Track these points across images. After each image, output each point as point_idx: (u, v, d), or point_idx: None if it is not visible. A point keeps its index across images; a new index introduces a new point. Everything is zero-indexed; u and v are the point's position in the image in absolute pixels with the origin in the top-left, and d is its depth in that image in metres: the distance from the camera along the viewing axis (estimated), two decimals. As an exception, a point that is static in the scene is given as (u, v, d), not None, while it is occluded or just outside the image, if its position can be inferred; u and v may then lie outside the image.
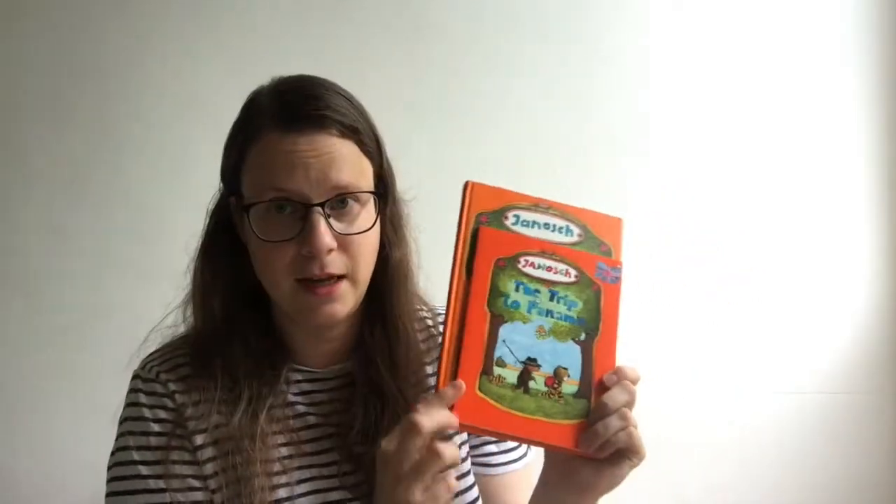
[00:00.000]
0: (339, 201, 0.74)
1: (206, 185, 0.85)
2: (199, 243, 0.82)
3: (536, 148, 1.67)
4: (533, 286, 0.66)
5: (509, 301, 0.66)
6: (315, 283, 0.73)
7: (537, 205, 0.72)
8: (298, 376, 0.82)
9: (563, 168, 1.67)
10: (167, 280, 0.83)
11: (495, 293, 0.66)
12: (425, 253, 0.87)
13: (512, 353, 0.64)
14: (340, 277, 0.74)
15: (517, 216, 0.71)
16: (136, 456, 0.75)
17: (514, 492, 0.89)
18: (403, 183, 0.84)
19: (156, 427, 0.76)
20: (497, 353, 0.64)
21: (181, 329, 0.84)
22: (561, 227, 0.70)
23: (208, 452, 0.76)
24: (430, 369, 0.85)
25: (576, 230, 0.70)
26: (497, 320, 0.65)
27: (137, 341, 0.85)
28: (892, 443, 1.69)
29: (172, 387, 0.78)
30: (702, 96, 1.69)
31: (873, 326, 1.69)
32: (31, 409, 1.58)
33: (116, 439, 0.78)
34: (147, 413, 0.77)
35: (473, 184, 0.73)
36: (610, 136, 1.68)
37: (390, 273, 0.81)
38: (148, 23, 1.61)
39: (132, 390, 0.79)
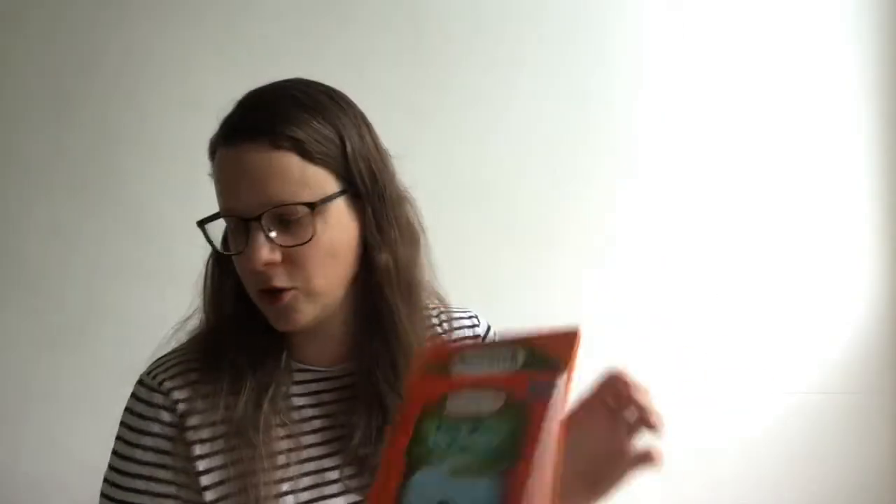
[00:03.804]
0: (287, 212, 0.72)
1: (205, 186, 0.84)
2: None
3: (536, 147, 1.67)
4: (456, 424, 0.60)
5: (429, 445, 0.60)
6: (267, 293, 0.74)
7: (483, 345, 0.64)
8: (307, 376, 0.81)
9: (562, 168, 1.67)
10: (167, 280, 0.84)
11: (417, 440, 0.60)
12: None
13: (423, 497, 0.57)
14: (290, 289, 0.73)
15: (462, 357, 0.64)
16: (120, 465, 0.77)
17: None
18: (404, 183, 0.83)
19: (145, 441, 0.76)
20: (405, 502, 0.58)
21: (193, 323, 0.84)
22: (505, 357, 0.62)
23: (212, 448, 0.76)
24: None
25: (521, 355, 0.61)
26: (412, 469, 0.59)
27: (136, 341, 0.85)
28: (892, 443, 1.69)
29: (176, 395, 0.77)
30: (703, 96, 1.69)
31: (873, 327, 1.69)
32: (32, 409, 1.58)
33: (114, 440, 0.79)
34: (140, 424, 0.77)
35: (426, 348, 0.68)
36: (610, 135, 1.68)
37: (377, 276, 0.78)
38: (148, 23, 1.61)
39: (133, 396, 0.80)
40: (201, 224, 0.76)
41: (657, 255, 1.68)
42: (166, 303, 0.84)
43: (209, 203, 0.82)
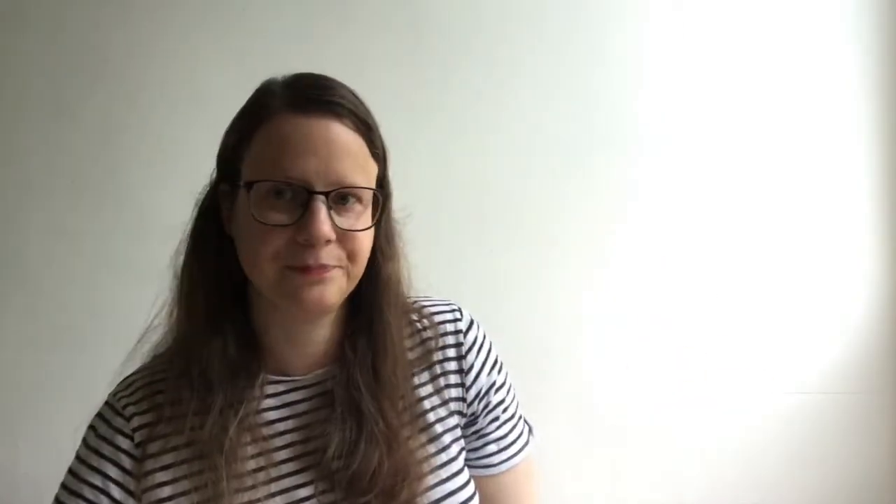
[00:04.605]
0: (342, 196, 0.72)
1: (206, 186, 0.84)
2: (185, 234, 0.81)
3: (536, 147, 1.67)
4: None
5: None
6: (305, 268, 0.71)
7: None
8: (280, 387, 0.79)
9: (562, 168, 1.67)
10: (167, 280, 0.83)
11: None
12: (424, 255, 0.85)
13: None
14: (338, 266, 0.72)
15: None
16: (67, 478, 0.77)
17: (520, 486, 0.87)
18: (403, 184, 0.83)
19: (93, 461, 0.76)
20: None
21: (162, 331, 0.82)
22: None
23: (175, 474, 0.74)
24: (417, 380, 0.81)
25: None
26: None
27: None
28: (892, 443, 1.69)
29: (137, 422, 0.76)
30: (703, 96, 1.69)
31: (873, 327, 1.69)
32: (31, 409, 1.58)
33: (74, 457, 0.79)
34: (93, 444, 0.77)
35: None
36: (610, 135, 1.68)
37: (380, 285, 0.78)
38: (149, 23, 1.61)
39: (97, 415, 0.79)
40: (250, 184, 0.71)
41: (657, 254, 1.67)
42: (165, 303, 0.85)
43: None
